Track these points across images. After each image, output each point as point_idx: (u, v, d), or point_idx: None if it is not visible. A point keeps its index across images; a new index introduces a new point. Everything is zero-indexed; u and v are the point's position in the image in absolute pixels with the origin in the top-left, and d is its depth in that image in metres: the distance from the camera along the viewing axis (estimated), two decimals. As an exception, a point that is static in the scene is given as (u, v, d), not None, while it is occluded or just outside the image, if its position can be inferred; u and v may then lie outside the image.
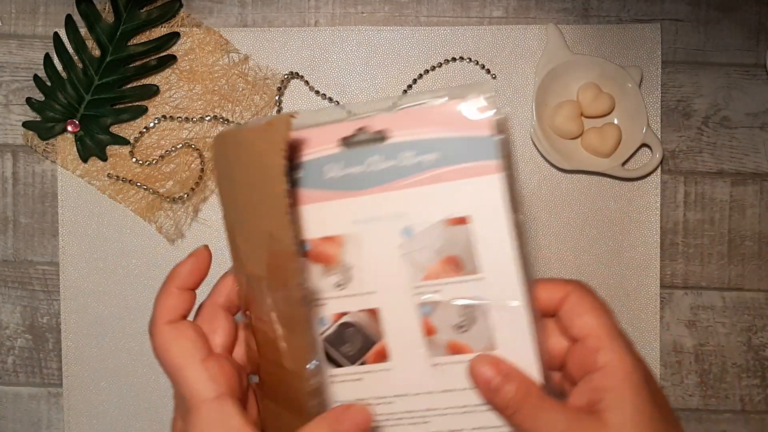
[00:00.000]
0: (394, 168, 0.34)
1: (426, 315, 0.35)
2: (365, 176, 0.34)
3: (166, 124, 0.55)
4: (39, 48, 0.56)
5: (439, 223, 0.34)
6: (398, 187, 0.34)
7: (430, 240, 0.34)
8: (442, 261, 0.34)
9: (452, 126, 0.33)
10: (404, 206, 0.34)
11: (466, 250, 0.34)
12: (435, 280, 0.35)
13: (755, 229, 0.56)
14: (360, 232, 0.35)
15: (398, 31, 0.55)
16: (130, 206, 0.55)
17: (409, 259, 0.35)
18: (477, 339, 0.34)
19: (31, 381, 0.57)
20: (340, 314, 0.36)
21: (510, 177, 0.34)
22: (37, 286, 0.57)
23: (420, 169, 0.34)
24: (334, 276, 0.35)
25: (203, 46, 0.55)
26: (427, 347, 0.35)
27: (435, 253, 0.34)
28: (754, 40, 0.55)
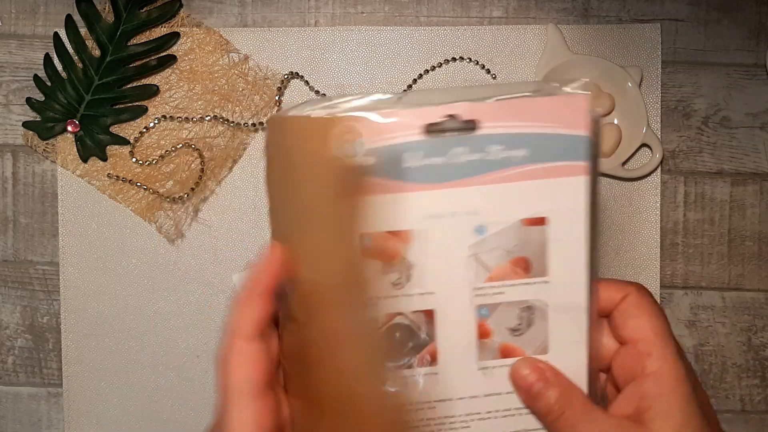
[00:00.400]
0: (479, 161, 0.32)
1: (483, 318, 0.33)
2: (446, 168, 0.32)
3: (166, 124, 0.55)
4: (39, 48, 0.56)
5: (517, 222, 0.32)
6: (480, 183, 0.32)
7: (505, 240, 0.33)
8: (511, 262, 0.33)
9: (549, 121, 0.31)
10: (482, 203, 0.32)
11: (539, 252, 0.33)
12: (499, 281, 0.33)
13: (755, 229, 0.56)
14: (430, 228, 0.32)
15: (398, 31, 0.55)
16: (130, 206, 0.55)
17: (477, 259, 0.33)
18: (530, 342, 0.33)
19: (31, 381, 0.57)
20: (392, 315, 0.33)
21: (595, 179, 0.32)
22: (37, 286, 0.57)
23: (507, 164, 0.32)
24: (393, 274, 0.33)
25: (203, 46, 0.55)
26: (479, 350, 0.33)
27: (506, 254, 0.33)
28: (754, 40, 0.55)
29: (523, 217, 0.32)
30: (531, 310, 0.33)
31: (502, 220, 0.32)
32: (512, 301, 0.33)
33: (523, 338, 0.33)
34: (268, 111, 0.55)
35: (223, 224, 0.56)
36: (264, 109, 0.55)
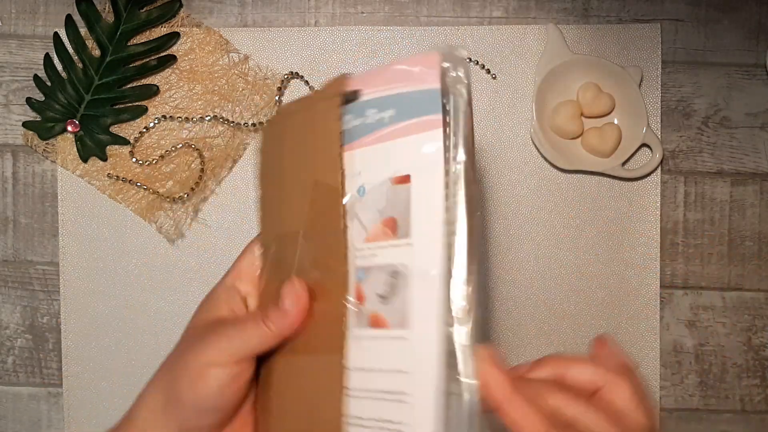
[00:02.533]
0: (361, 125, 0.33)
1: (359, 281, 0.32)
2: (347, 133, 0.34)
3: (166, 124, 0.55)
4: (39, 48, 0.56)
5: (386, 181, 0.32)
6: (361, 145, 0.33)
7: (377, 199, 0.32)
8: (382, 222, 0.32)
9: (408, 81, 0.32)
10: (362, 164, 0.33)
11: (404, 211, 0.32)
12: (374, 242, 0.32)
13: (755, 229, 0.56)
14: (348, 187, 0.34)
15: (398, 31, 0.55)
16: (130, 206, 0.55)
17: (357, 218, 0.33)
18: (394, 312, 0.31)
19: (31, 381, 0.57)
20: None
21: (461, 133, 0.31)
22: (37, 286, 0.57)
23: (380, 126, 0.33)
24: None
25: (203, 46, 0.55)
26: (355, 318, 0.32)
27: (378, 214, 0.32)
28: (754, 40, 0.55)
29: (391, 175, 0.32)
30: (396, 276, 0.31)
31: (375, 180, 0.33)
32: (382, 264, 0.32)
33: (389, 307, 0.31)
34: (268, 111, 0.55)
35: (223, 224, 0.56)
36: (264, 108, 0.55)
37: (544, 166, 0.55)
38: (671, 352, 0.56)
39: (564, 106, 0.54)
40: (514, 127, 0.55)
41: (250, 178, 0.56)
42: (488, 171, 0.56)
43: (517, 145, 0.55)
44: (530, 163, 0.55)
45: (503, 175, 0.55)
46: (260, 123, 0.55)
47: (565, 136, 0.55)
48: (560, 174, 0.55)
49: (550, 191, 0.55)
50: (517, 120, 0.55)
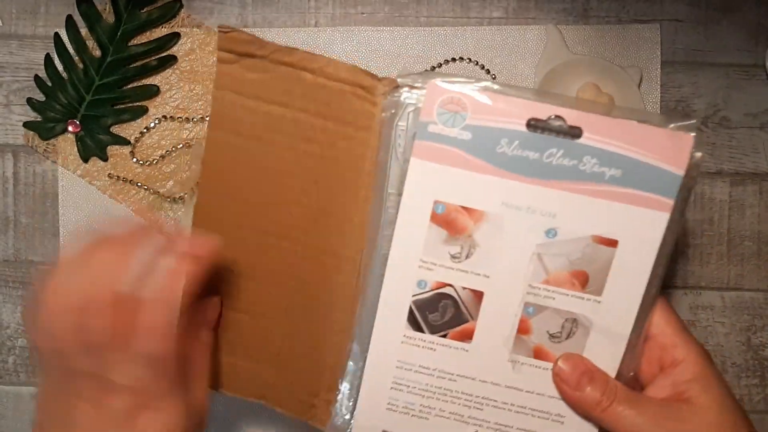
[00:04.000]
0: (571, 168, 0.33)
1: (528, 315, 0.35)
2: (537, 164, 0.33)
3: (166, 124, 0.56)
4: (40, 48, 0.56)
5: (588, 237, 0.34)
6: (565, 188, 0.33)
7: (571, 249, 0.34)
8: (571, 272, 0.34)
9: (649, 150, 0.33)
10: (561, 208, 0.34)
11: (600, 271, 0.34)
12: (554, 287, 0.35)
13: (754, 229, 0.56)
14: (504, 215, 0.34)
15: (398, 32, 0.55)
16: (131, 206, 0.56)
17: (539, 259, 0.34)
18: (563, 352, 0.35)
19: (32, 381, 0.57)
20: (442, 283, 0.36)
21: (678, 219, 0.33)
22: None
23: (598, 179, 0.33)
24: (454, 246, 0.35)
25: (204, 46, 0.55)
26: (514, 344, 0.35)
27: (568, 264, 0.34)
28: (754, 40, 0.56)
29: (597, 234, 0.34)
30: (575, 323, 0.35)
31: (574, 230, 0.34)
32: (560, 308, 0.35)
33: (559, 346, 0.35)
34: (268, 111, 0.55)
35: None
36: (264, 109, 0.55)
37: (543, 167, 0.55)
38: (671, 352, 0.56)
39: (564, 107, 0.54)
40: (514, 127, 0.55)
41: (250, 178, 0.56)
42: (488, 171, 0.56)
43: (516, 145, 0.55)
44: (530, 164, 0.55)
45: (503, 175, 0.55)
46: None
47: (564, 137, 0.55)
48: (560, 174, 0.55)
49: (549, 191, 0.55)
50: (517, 120, 0.55)
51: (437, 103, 0.33)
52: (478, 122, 0.33)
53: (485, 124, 0.33)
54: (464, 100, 0.33)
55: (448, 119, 0.33)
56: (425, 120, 0.34)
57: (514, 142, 0.33)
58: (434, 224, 0.35)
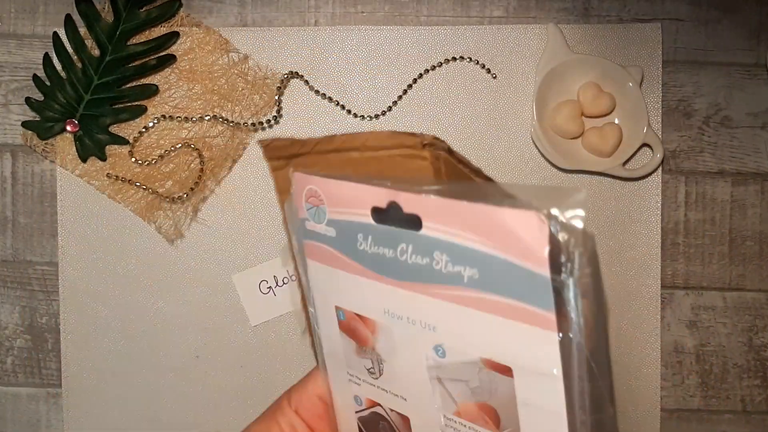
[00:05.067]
0: (428, 268, 0.25)
1: None
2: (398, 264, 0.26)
3: (165, 123, 0.55)
4: (38, 48, 0.56)
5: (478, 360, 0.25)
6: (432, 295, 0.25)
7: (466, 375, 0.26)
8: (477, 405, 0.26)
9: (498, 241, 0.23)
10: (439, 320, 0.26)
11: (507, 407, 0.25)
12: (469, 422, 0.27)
13: (756, 229, 0.56)
14: (391, 326, 0.27)
15: (398, 31, 0.55)
16: (130, 206, 0.55)
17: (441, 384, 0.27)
18: None
19: (30, 381, 0.57)
20: (373, 402, 0.30)
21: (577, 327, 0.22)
22: (36, 286, 0.57)
23: (457, 282, 0.24)
24: (367, 360, 0.29)
25: (203, 45, 0.55)
26: None
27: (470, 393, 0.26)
28: (755, 39, 0.55)
29: (485, 357, 0.25)
30: None
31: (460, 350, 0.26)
32: None
33: None
34: (267, 110, 0.55)
35: (222, 224, 0.56)
36: (264, 108, 0.55)
37: (544, 166, 0.55)
38: (672, 353, 0.56)
39: (564, 106, 0.54)
40: (515, 126, 0.55)
41: (249, 178, 0.56)
42: (489, 171, 0.55)
43: (517, 144, 0.55)
44: (530, 163, 0.55)
45: (504, 174, 0.55)
46: (260, 123, 0.55)
47: (565, 136, 0.54)
48: (561, 174, 0.55)
49: (550, 191, 0.55)
50: (518, 120, 0.55)
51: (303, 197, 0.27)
52: (336, 216, 0.27)
53: (341, 218, 0.27)
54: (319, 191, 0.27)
55: (314, 214, 0.27)
56: (302, 217, 0.28)
57: (368, 238, 0.26)
58: (343, 333, 0.29)
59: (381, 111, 0.55)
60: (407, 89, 0.55)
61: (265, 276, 0.56)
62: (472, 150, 0.55)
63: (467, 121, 0.55)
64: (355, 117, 0.55)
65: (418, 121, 0.55)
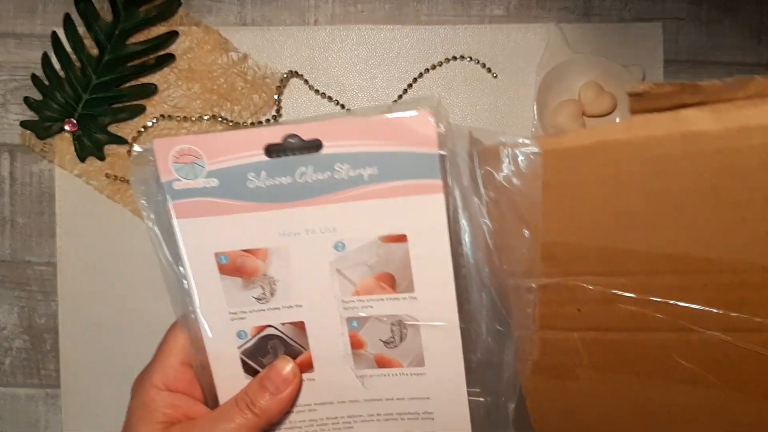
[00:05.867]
0: (328, 180, 0.32)
1: (354, 330, 0.35)
2: (295, 187, 0.32)
3: (164, 123, 0.55)
4: (37, 47, 0.56)
5: (376, 239, 0.33)
6: (333, 201, 0.32)
7: (365, 256, 0.33)
8: (375, 277, 0.33)
9: (393, 140, 0.31)
10: (338, 220, 0.32)
11: (403, 268, 0.33)
12: (366, 295, 0.34)
13: (757, 230, 0.55)
14: (287, 244, 0.33)
15: (398, 30, 0.55)
16: (128, 206, 0.55)
17: (340, 274, 0.33)
18: (405, 354, 0.35)
19: (28, 382, 0.57)
20: (261, 327, 0.35)
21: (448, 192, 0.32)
22: (34, 286, 0.57)
23: (357, 183, 0.32)
24: (255, 289, 0.34)
25: (202, 45, 0.55)
26: (354, 360, 0.35)
27: (368, 269, 0.33)
28: (756, 39, 0.55)
29: (381, 234, 0.32)
30: (402, 325, 0.34)
31: (360, 237, 0.33)
32: (381, 314, 0.34)
33: (398, 350, 0.35)
34: (267, 110, 0.55)
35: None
36: (263, 108, 0.55)
37: (545, 166, 0.55)
38: (673, 353, 0.56)
39: (565, 106, 0.54)
40: (515, 126, 0.55)
41: (249, 177, 0.56)
42: (489, 171, 0.55)
43: (517, 144, 0.55)
44: (531, 163, 0.55)
45: (504, 174, 0.55)
46: (259, 122, 0.55)
47: (566, 136, 0.54)
48: (561, 174, 0.55)
49: (551, 191, 0.55)
50: (518, 119, 0.55)
51: (170, 160, 0.32)
52: (218, 165, 0.32)
53: (226, 165, 0.32)
54: (195, 147, 0.32)
55: (188, 172, 0.32)
56: (168, 179, 0.32)
57: (261, 174, 0.32)
58: (225, 275, 0.34)
59: (381, 111, 0.55)
60: (407, 89, 0.55)
61: (264, 276, 0.55)
62: (472, 150, 0.55)
63: (467, 121, 0.55)
64: (355, 117, 0.55)
65: (418, 121, 0.55)
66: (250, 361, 0.35)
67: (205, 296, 0.34)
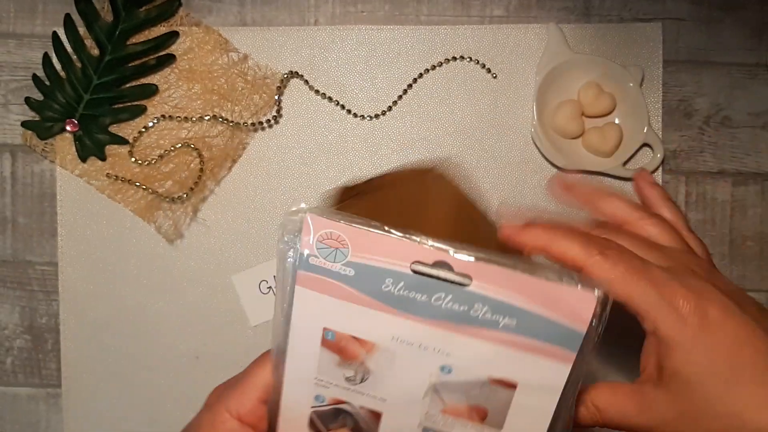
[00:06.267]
0: (462, 313, 0.32)
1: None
2: (427, 306, 0.32)
3: (165, 123, 0.55)
4: (38, 47, 0.56)
5: (486, 378, 0.33)
6: (459, 332, 0.32)
7: (469, 388, 0.33)
8: (468, 405, 0.34)
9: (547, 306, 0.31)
10: (456, 348, 0.32)
11: (500, 408, 0.33)
12: (453, 417, 0.34)
13: (757, 229, 0.56)
14: (396, 349, 0.33)
15: (398, 30, 0.55)
16: (129, 206, 0.55)
17: (435, 391, 0.33)
18: None
19: (29, 382, 0.57)
20: (340, 400, 0.35)
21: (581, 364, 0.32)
22: (35, 286, 0.57)
23: (491, 326, 0.32)
24: (348, 370, 0.34)
25: (202, 45, 0.55)
26: None
27: (464, 397, 0.33)
28: (756, 39, 0.55)
29: (495, 377, 0.33)
30: None
31: (470, 370, 0.33)
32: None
33: None
34: (267, 110, 0.55)
35: (222, 224, 0.56)
36: (263, 108, 0.55)
37: (544, 166, 0.55)
38: (672, 353, 0.56)
39: (565, 106, 0.54)
40: (515, 126, 0.55)
41: (248, 178, 0.56)
42: (489, 171, 0.55)
43: (517, 144, 0.55)
44: (531, 163, 0.55)
45: (504, 174, 0.55)
46: (259, 123, 0.55)
47: (566, 136, 0.54)
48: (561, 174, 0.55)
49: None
50: (518, 119, 0.55)
51: (315, 237, 0.32)
52: (360, 260, 0.32)
53: (368, 263, 0.32)
54: (344, 236, 0.32)
55: (329, 254, 0.32)
56: (306, 252, 0.32)
57: (399, 283, 0.32)
58: (326, 348, 0.34)
59: (381, 111, 0.55)
60: (407, 89, 0.55)
61: (264, 276, 0.55)
62: (472, 150, 0.55)
63: (467, 121, 0.55)
64: (355, 117, 0.55)
65: (418, 121, 0.55)
66: (318, 421, 0.35)
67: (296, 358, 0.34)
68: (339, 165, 0.55)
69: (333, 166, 0.55)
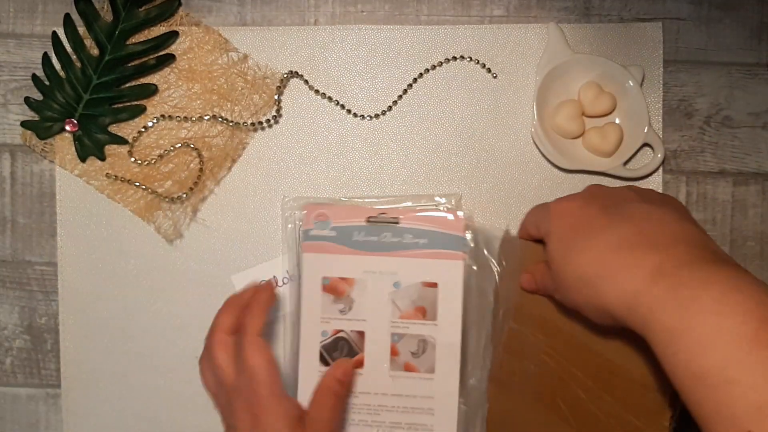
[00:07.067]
0: (398, 242, 0.51)
1: (395, 342, 0.51)
2: (378, 244, 0.51)
3: (164, 123, 0.55)
4: (37, 47, 0.56)
5: (420, 283, 0.51)
6: (399, 256, 0.51)
7: (411, 293, 0.51)
8: (414, 308, 0.51)
9: (441, 225, 0.51)
10: (399, 268, 0.51)
11: (432, 304, 0.51)
12: (406, 320, 0.51)
13: (757, 229, 0.55)
14: (366, 279, 0.51)
15: (398, 30, 0.55)
16: (129, 206, 0.55)
17: (393, 302, 0.51)
18: (423, 364, 0.51)
19: (29, 382, 0.57)
20: (337, 330, 0.52)
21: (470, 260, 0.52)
22: (35, 286, 0.57)
23: (415, 247, 0.51)
24: (341, 304, 0.52)
25: (202, 45, 0.55)
26: (390, 364, 0.51)
27: (411, 302, 0.51)
28: (756, 39, 0.55)
29: (423, 280, 0.51)
30: (425, 342, 0.51)
31: (410, 280, 0.51)
32: (413, 334, 0.51)
33: (419, 360, 0.51)
34: (267, 110, 0.55)
35: (221, 224, 0.56)
36: (263, 108, 0.55)
37: (544, 166, 0.55)
38: (673, 353, 0.55)
39: (565, 106, 0.54)
40: (515, 126, 0.55)
41: (248, 178, 0.56)
42: (489, 171, 0.55)
43: (517, 144, 0.55)
44: (531, 163, 0.55)
45: (504, 174, 0.55)
46: (259, 123, 0.55)
47: (566, 136, 0.54)
48: (561, 174, 0.55)
49: (551, 191, 0.55)
50: (518, 119, 0.55)
51: (311, 218, 0.52)
52: (337, 224, 0.52)
53: (342, 224, 0.52)
54: (327, 212, 0.52)
55: (320, 225, 0.52)
56: (306, 228, 0.52)
57: (361, 232, 0.51)
58: (325, 292, 0.52)
59: (381, 111, 0.55)
60: (407, 89, 0.55)
61: (264, 276, 0.55)
62: (472, 150, 0.55)
63: (467, 121, 0.55)
64: (355, 117, 0.55)
65: (418, 121, 0.55)
66: (326, 354, 0.52)
67: (307, 304, 0.52)
68: (339, 165, 0.55)
69: (333, 166, 0.55)
